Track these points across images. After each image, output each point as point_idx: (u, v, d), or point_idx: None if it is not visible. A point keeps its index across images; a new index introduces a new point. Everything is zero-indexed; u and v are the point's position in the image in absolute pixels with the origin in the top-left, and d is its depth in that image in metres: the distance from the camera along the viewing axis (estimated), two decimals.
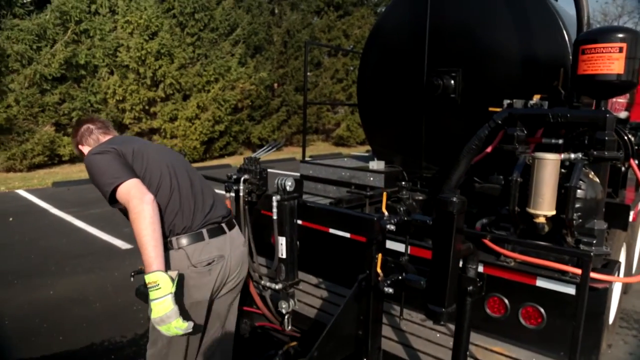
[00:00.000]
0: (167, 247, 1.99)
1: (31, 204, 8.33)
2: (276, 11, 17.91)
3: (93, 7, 12.62)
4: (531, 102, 2.79)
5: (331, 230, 2.88)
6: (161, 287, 1.77)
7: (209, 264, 2.07)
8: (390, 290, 1.84)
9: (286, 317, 2.48)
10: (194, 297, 2.06)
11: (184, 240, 2.04)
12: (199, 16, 13.96)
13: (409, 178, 3.93)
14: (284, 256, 2.40)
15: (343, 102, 19.94)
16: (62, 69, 11.63)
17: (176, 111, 13.51)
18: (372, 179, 3.89)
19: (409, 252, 2.21)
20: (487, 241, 2.62)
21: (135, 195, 1.84)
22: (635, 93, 5.54)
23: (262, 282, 2.51)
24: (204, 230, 2.08)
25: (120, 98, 12.54)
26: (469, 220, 1.90)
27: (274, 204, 2.33)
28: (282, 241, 2.38)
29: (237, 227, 2.33)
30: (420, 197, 3.57)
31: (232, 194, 2.70)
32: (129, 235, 6.23)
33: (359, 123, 20.09)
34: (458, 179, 3.04)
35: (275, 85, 17.75)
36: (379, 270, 1.90)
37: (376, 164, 3.98)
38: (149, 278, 1.78)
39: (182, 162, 2.25)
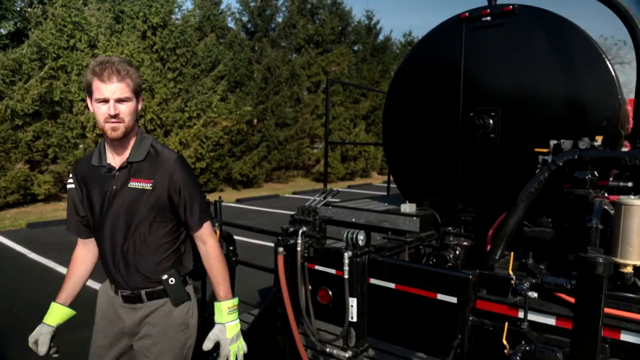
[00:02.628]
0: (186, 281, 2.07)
1: (5, 247, 7.68)
2: (256, 48, 17.96)
3: (72, 41, 12.27)
4: (595, 143, 2.66)
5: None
6: (236, 310, 1.98)
7: None
8: None
9: None
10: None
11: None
12: (181, 51, 13.78)
13: (442, 221, 3.73)
14: (355, 319, 2.13)
15: (367, 142, 19.90)
16: (35, 105, 11.10)
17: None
18: (404, 222, 3.67)
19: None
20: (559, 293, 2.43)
21: (214, 235, 2.02)
22: None
23: (327, 349, 2.20)
24: None
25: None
26: None
27: (346, 261, 2.07)
28: (352, 302, 2.12)
29: None
30: (465, 243, 3.37)
31: (281, 249, 2.41)
32: None
33: (339, 159, 20.15)
34: (515, 223, 2.86)
35: (255, 121, 17.59)
36: (504, 342, 1.65)
37: (408, 207, 3.76)
38: (233, 302, 1.96)
39: None
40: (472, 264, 3.41)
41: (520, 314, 2.45)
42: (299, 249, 2.29)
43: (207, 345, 1.90)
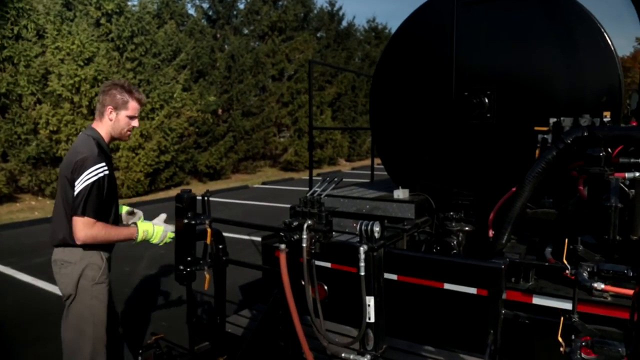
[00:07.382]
0: None
1: None
2: (218, 35, 17.36)
3: (16, 29, 11.39)
4: (605, 119, 2.55)
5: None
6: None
7: None
8: None
9: None
10: None
11: None
12: (139, 40, 13.08)
13: (437, 206, 3.60)
14: (372, 320, 1.92)
15: (356, 127, 19.42)
16: None
17: (117, 141, 12.42)
18: (399, 209, 3.50)
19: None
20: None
21: None
22: None
23: (343, 354, 1.99)
24: None
25: (55, 129, 11.33)
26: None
27: (362, 256, 1.86)
28: (369, 301, 1.91)
29: None
30: (467, 228, 3.23)
31: (283, 246, 2.16)
32: None
33: (305, 147, 19.89)
34: (522, 206, 2.73)
35: (220, 110, 17.06)
36: (560, 339, 1.49)
37: (401, 193, 3.60)
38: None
39: None
40: (471, 249, 3.29)
41: (535, 300, 2.34)
42: (304, 244, 2.06)
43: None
